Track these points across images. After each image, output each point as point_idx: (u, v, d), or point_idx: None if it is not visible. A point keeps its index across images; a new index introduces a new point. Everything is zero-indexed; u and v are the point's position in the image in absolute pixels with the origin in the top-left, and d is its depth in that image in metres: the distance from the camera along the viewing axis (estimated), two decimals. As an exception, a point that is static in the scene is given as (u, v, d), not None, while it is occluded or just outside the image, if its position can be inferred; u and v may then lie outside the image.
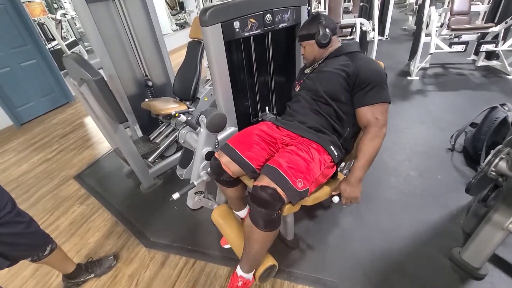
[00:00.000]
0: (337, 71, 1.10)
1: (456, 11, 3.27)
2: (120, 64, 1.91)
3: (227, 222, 1.34)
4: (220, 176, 1.17)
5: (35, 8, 3.69)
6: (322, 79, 1.15)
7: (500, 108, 1.70)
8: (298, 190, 0.97)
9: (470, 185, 1.01)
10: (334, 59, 1.17)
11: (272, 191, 0.94)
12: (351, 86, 1.09)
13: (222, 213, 1.38)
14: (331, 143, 1.12)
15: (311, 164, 1.02)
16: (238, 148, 1.13)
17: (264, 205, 0.95)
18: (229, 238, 1.28)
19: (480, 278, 1.14)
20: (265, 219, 0.96)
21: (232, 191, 1.26)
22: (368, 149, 1.05)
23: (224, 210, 1.39)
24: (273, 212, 0.97)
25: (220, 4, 1.22)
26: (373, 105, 1.05)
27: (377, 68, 1.07)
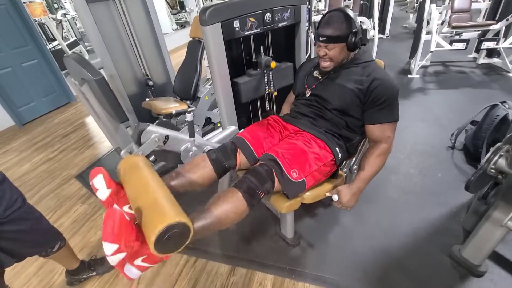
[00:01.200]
0: (352, 87, 1.06)
1: (456, 8, 3.25)
2: (121, 64, 1.92)
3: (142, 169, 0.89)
4: (225, 159, 1.10)
5: (36, 9, 3.69)
6: (335, 93, 1.11)
7: (500, 106, 1.70)
8: (292, 180, 0.98)
9: (470, 182, 1.02)
10: (349, 70, 1.11)
11: (268, 168, 0.97)
12: (363, 102, 1.07)
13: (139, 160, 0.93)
14: (337, 144, 1.13)
15: (308, 156, 1.03)
16: (250, 142, 1.14)
17: (256, 176, 0.95)
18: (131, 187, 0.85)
19: (480, 275, 1.14)
20: (250, 186, 0.93)
21: (204, 173, 1.06)
22: (375, 164, 1.07)
23: (143, 160, 0.94)
24: (259, 187, 0.93)
25: (220, 3, 1.22)
26: (384, 124, 1.06)
27: (391, 84, 1.05)
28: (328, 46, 1.06)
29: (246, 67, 1.56)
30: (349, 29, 1.02)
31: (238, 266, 1.30)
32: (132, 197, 0.82)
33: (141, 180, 0.85)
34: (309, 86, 1.22)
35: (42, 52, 3.36)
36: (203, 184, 1.06)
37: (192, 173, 1.04)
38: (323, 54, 1.09)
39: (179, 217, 0.68)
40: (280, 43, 1.61)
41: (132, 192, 0.83)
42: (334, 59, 1.09)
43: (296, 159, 1.01)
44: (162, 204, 0.73)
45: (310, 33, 3.89)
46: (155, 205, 0.72)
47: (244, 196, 0.90)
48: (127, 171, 0.90)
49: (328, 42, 1.05)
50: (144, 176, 0.86)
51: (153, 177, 0.86)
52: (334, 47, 1.05)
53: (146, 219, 0.70)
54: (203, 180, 1.05)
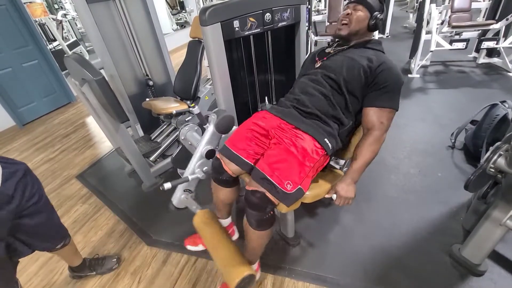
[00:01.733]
0: (362, 62, 1.07)
1: (456, 8, 3.26)
2: (121, 64, 1.92)
3: (209, 226, 1.27)
4: (220, 175, 1.17)
5: (36, 9, 3.70)
6: (345, 65, 1.10)
7: (500, 105, 1.70)
8: (288, 192, 0.96)
9: (469, 181, 1.02)
10: (362, 49, 1.13)
11: (260, 194, 0.97)
12: (367, 83, 1.07)
13: (205, 216, 1.31)
14: (326, 134, 1.08)
15: (299, 161, 1.00)
16: (235, 148, 1.12)
17: (255, 208, 0.99)
18: (208, 243, 1.22)
19: (480, 274, 1.15)
20: (257, 219, 1.01)
21: (226, 193, 1.23)
22: (367, 153, 1.06)
23: (207, 214, 1.32)
24: (264, 214, 0.99)
25: (220, 3, 1.22)
26: (382, 109, 1.05)
27: (398, 73, 1.06)
28: (356, 7, 1.10)
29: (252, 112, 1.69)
30: (379, 6, 1.09)
31: (238, 266, 1.31)
32: (212, 247, 1.20)
33: (215, 235, 1.23)
34: (320, 58, 1.22)
35: (42, 52, 3.36)
36: (233, 198, 1.28)
37: (221, 201, 1.28)
38: (347, 13, 1.12)
39: (247, 270, 1.05)
40: (280, 43, 1.61)
41: (210, 244, 1.21)
42: (353, 24, 1.10)
43: (287, 170, 0.98)
44: (236, 258, 1.11)
45: (310, 33, 3.90)
46: (231, 259, 1.12)
47: (259, 229, 1.04)
48: (202, 225, 1.29)
49: (359, 2, 1.09)
50: (216, 231, 1.25)
51: (222, 230, 1.26)
52: (361, 11, 1.09)
53: (227, 270, 1.08)
54: (229, 197, 1.26)
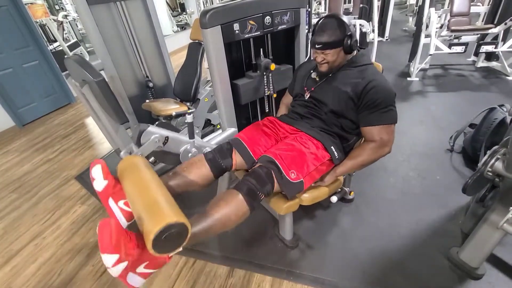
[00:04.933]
0: (346, 90, 1.08)
1: (455, 12, 3.27)
2: (121, 65, 1.93)
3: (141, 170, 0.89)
4: (222, 159, 1.12)
5: (37, 10, 3.71)
6: (331, 96, 1.13)
7: (498, 109, 1.71)
8: (290, 180, 0.99)
9: (467, 185, 1.02)
10: (346, 72, 1.13)
11: (267, 170, 0.99)
12: (357, 105, 1.09)
13: (137, 161, 0.94)
14: (333, 143, 1.14)
15: (306, 156, 1.05)
16: (246, 143, 1.16)
17: (256, 178, 0.97)
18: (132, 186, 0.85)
19: (478, 278, 1.15)
20: (250, 188, 0.95)
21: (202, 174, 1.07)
22: (363, 156, 1.10)
23: (141, 160, 0.95)
24: (259, 188, 0.96)
25: (220, 6, 1.23)
26: (379, 126, 1.07)
27: (387, 87, 1.06)
28: (324, 52, 1.08)
29: (246, 69, 1.57)
30: (343, 33, 1.05)
31: (237, 268, 1.31)
32: (131, 196, 0.82)
33: (140, 180, 0.85)
34: (308, 88, 1.24)
35: (43, 53, 3.37)
36: (201, 184, 1.07)
37: (189, 172, 1.05)
38: (320, 60, 1.12)
39: (177, 217, 0.68)
40: (280, 46, 1.62)
41: (130, 191, 0.83)
42: (331, 63, 1.11)
43: (294, 160, 1.02)
44: (160, 204, 0.73)
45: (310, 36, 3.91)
46: (153, 205, 0.73)
47: (245, 198, 0.91)
48: (126, 170, 0.91)
49: (324, 48, 1.07)
50: (142, 175, 0.86)
51: (152, 177, 0.86)
52: (331, 52, 1.08)
53: (144, 219, 0.70)
54: (200, 180, 1.06)
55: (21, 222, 1.76)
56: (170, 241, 0.69)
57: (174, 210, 0.72)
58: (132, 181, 0.85)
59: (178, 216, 0.69)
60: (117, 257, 0.64)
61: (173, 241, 0.70)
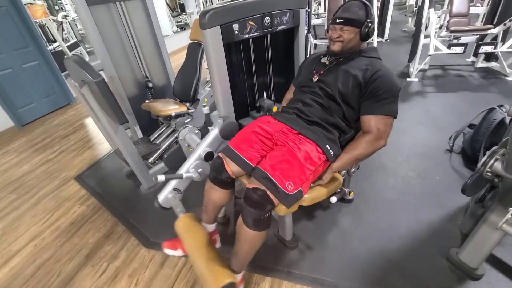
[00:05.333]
0: (356, 73, 1.09)
1: (455, 13, 3.28)
2: (121, 66, 1.93)
3: (192, 230, 1.19)
4: (219, 174, 1.17)
5: (37, 10, 3.71)
6: (339, 78, 1.12)
7: (497, 110, 1.71)
8: (288, 193, 0.98)
9: (466, 185, 1.02)
10: (357, 59, 1.14)
11: (262, 192, 0.98)
12: (362, 92, 1.09)
13: (189, 221, 1.23)
14: (328, 140, 1.11)
15: (301, 164, 1.03)
16: (238, 149, 1.14)
17: (254, 206, 0.98)
18: (189, 247, 1.15)
19: (477, 278, 1.15)
20: (255, 218, 0.99)
21: (220, 194, 1.21)
22: (358, 149, 1.08)
23: (191, 218, 1.25)
24: (262, 213, 0.99)
25: (220, 7, 1.23)
26: (378, 116, 1.06)
27: (393, 80, 1.07)
28: (343, 28, 1.09)
29: (250, 109, 1.68)
30: (365, 17, 1.07)
31: (236, 268, 1.31)
32: (192, 253, 1.13)
33: (196, 240, 1.15)
34: (317, 71, 1.23)
35: (42, 53, 3.37)
36: (225, 201, 1.24)
37: (212, 202, 1.24)
38: (336, 36, 1.12)
39: (229, 278, 1.00)
40: (279, 47, 1.62)
41: (191, 250, 1.14)
42: (345, 42, 1.11)
43: (289, 171, 1.00)
44: (216, 264, 1.06)
45: (310, 36, 3.92)
46: (211, 265, 1.05)
47: (255, 229, 1.01)
48: (183, 230, 1.21)
49: (345, 23, 1.08)
50: (197, 235, 1.17)
51: (203, 235, 1.17)
52: (349, 30, 1.09)
53: (206, 277, 1.02)
54: (221, 200, 1.23)
55: (20, 223, 1.76)
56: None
57: (225, 270, 1.04)
58: (191, 242, 1.16)
59: (230, 277, 1.02)
60: None
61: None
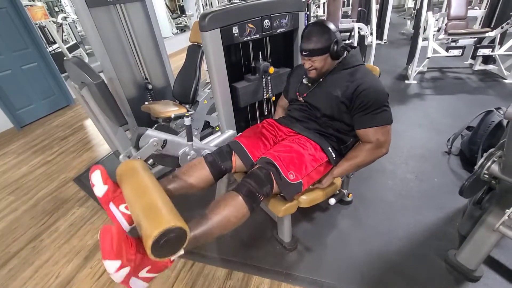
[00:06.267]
0: (337, 94, 1.09)
1: (453, 15, 3.30)
2: (121, 67, 1.93)
3: (138, 174, 0.91)
4: (222, 161, 1.13)
5: (37, 12, 3.72)
6: (323, 101, 1.14)
7: (495, 112, 1.72)
8: (289, 181, 1.00)
9: (463, 187, 1.03)
10: (337, 76, 1.13)
11: (266, 171, 0.99)
12: (349, 108, 1.09)
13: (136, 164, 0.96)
14: (330, 145, 1.15)
15: (304, 158, 1.06)
16: (245, 145, 1.17)
17: (255, 180, 0.97)
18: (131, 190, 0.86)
19: (475, 280, 1.15)
20: (250, 189, 0.95)
21: (203, 177, 1.08)
22: (360, 157, 1.10)
23: (140, 164, 0.97)
24: (258, 188, 0.96)
25: (219, 9, 1.24)
26: (374, 128, 1.07)
27: (378, 89, 1.05)
28: (312, 59, 1.10)
29: (245, 72, 1.58)
30: (329, 40, 1.05)
31: (235, 270, 1.30)
32: (130, 200, 0.83)
33: (138, 184, 0.85)
34: (300, 94, 1.25)
35: (42, 55, 3.37)
36: (201, 187, 1.08)
37: (189, 176, 1.06)
38: (308, 66, 1.13)
39: (174, 221, 0.69)
40: (279, 49, 1.63)
41: (129, 196, 0.84)
42: (319, 69, 1.12)
43: (292, 161, 1.03)
44: (158, 208, 0.74)
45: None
46: (151, 209, 0.74)
47: (245, 199, 0.92)
48: (125, 174, 0.92)
49: (311, 55, 1.08)
50: (141, 180, 0.87)
51: (151, 180, 0.87)
52: (318, 59, 1.09)
53: (143, 224, 0.71)
54: (200, 183, 1.07)
55: (19, 225, 1.75)
56: (169, 246, 0.69)
57: (172, 214, 0.72)
58: (131, 186, 0.86)
59: (176, 220, 0.70)
60: (119, 263, 0.65)
61: (172, 246, 0.71)
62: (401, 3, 9.34)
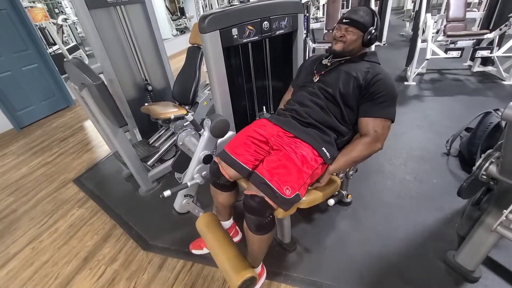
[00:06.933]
0: (356, 75, 1.10)
1: (451, 17, 3.32)
2: (121, 69, 1.94)
3: (211, 229, 1.27)
4: (218, 179, 1.19)
5: (37, 14, 3.73)
6: (340, 79, 1.14)
7: (493, 113, 1.73)
8: (286, 197, 0.97)
9: (462, 188, 1.03)
10: (358, 63, 1.16)
11: (259, 199, 0.98)
12: (362, 94, 1.10)
13: (207, 220, 1.32)
14: (324, 142, 1.12)
15: (298, 168, 1.02)
16: (233, 154, 1.14)
17: (254, 212, 1.00)
18: (211, 246, 1.22)
19: (474, 281, 1.15)
20: (256, 224, 1.01)
21: (224, 197, 1.24)
22: (355, 151, 1.09)
23: (209, 217, 1.33)
24: (263, 219, 1.00)
25: (219, 11, 1.25)
26: (376, 118, 1.08)
27: (392, 84, 1.09)
28: (348, 29, 1.12)
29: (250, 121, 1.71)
30: (371, 23, 1.10)
31: (235, 271, 1.31)
32: (213, 249, 1.20)
33: (217, 237, 1.23)
34: (318, 72, 1.24)
35: (42, 56, 3.38)
36: (232, 201, 1.29)
37: (219, 201, 1.28)
38: (340, 35, 1.14)
39: (251, 273, 1.07)
40: (278, 51, 1.64)
41: (212, 246, 1.21)
42: (347, 43, 1.13)
43: (286, 176, 1.00)
44: (237, 260, 1.12)
45: (308, 40, 3.94)
46: (233, 260, 1.12)
47: (259, 233, 1.04)
48: (204, 227, 1.29)
49: (350, 24, 1.11)
50: (218, 233, 1.25)
51: (224, 233, 1.26)
52: (353, 32, 1.11)
53: (228, 272, 1.08)
54: (228, 201, 1.28)
55: (18, 226, 1.75)
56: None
57: (246, 265, 1.11)
58: (212, 238, 1.23)
59: (251, 271, 1.08)
60: None
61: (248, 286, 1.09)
62: (400, 5, 9.38)
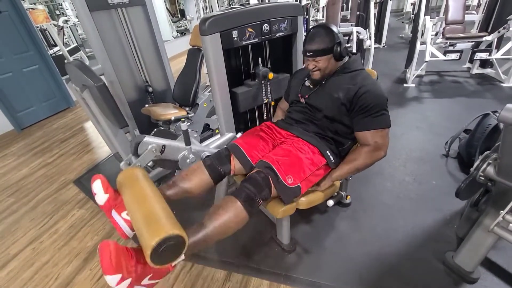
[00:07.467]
0: (338, 96, 1.11)
1: (450, 20, 3.34)
2: (121, 70, 1.95)
3: (139, 182, 0.92)
4: (221, 165, 1.14)
5: (38, 15, 3.75)
6: (325, 102, 1.16)
7: (492, 115, 1.74)
8: (287, 185, 1.01)
9: (460, 189, 1.04)
10: (339, 78, 1.16)
11: (264, 175, 1.00)
12: (349, 110, 1.11)
13: (136, 173, 0.97)
14: (328, 148, 1.16)
15: (302, 161, 1.06)
16: (244, 148, 1.17)
17: (254, 184, 0.98)
18: (131, 198, 0.87)
19: (473, 282, 1.16)
20: (249, 194, 0.96)
21: (202, 181, 1.09)
22: (358, 160, 1.12)
23: (141, 172, 0.98)
24: (257, 195, 0.97)
25: (219, 14, 1.26)
26: (373, 131, 1.09)
27: (378, 92, 1.08)
28: (316, 59, 1.12)
29: (245, 78, 1.60)
30: (332, 42, 1.09)
31: (234, 272, 1.31)
32: (130, 208, 0.85)
33: (138, 192, 0.87)
34: (302, 95, 1.27)
35: (43, 57, 3.39)
36: (200, 191, 1.09)
37: (189, 181, 1.07)
38: (312, 67, 1.16)
39: (172, 229, 0.70)
40: (278, 53, 1.65)
41: (129, 203, 0.86)
42: (323, 70, 1.15)
43: (291, 166, 1.04)
44: (156, 217, 0.75)
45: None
46: (150, 218, 0.75)
47: (244, 204, 0.93)
48: (125, 182, 0.94)
49: (315, 56, 1.11)
50: (141, 187, 0.89)
51: (150, 188, 0.89)
52: (322, 59, 1.12)
53: (142, 233, 0.73)
54: (200, 187, 1.08)
55: (18, 226, 1.76)
56: (168, 253, 0.71)
57: (169, 222, 0.74)
58: (131, 194, 0.88)
59: (173, 228, 0.71)
60: (119, 277, 0.67)
61: (171, 253, 0.72)
62: (399, 7, 9.43)
